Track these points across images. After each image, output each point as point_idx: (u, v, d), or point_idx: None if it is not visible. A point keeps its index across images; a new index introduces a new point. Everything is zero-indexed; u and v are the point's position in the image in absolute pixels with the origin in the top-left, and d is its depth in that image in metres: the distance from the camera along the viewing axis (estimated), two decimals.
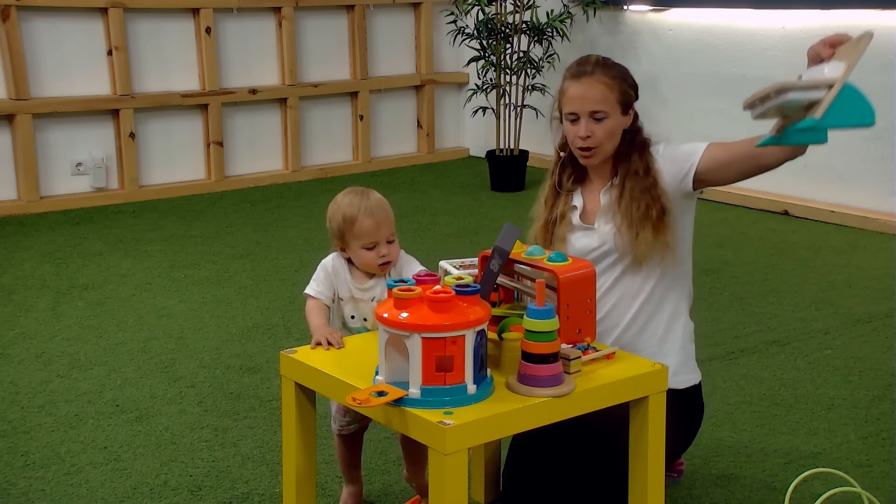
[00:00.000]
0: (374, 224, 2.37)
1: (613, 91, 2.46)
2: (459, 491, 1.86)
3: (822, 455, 2.88)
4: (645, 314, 2.51)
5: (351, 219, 2.38)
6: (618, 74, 2.48)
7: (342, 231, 2.41)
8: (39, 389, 3.38)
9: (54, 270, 4.73)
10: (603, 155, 2.50)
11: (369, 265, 2.40)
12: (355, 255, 2.41)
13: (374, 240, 2.38)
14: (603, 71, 2.46)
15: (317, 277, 2.44)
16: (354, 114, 7.02)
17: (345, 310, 2.45)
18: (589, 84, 2.45)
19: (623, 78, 2.49)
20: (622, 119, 2.49)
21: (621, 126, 2.49)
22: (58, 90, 5.92)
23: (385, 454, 2.89)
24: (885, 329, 3.89)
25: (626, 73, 2.52)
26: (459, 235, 5.34)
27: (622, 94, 2.47)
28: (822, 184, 5.68)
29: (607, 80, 2.46)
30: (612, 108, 2.45)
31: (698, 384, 2.59)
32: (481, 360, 1.95)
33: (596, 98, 2.44)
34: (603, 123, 2.45)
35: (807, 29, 5.66)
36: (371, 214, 2.38)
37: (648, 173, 2.47)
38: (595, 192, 2.56)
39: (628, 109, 2.50)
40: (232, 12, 6.43)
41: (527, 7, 6.37)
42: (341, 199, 2.45)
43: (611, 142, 2.48)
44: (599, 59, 2.50)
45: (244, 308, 4.20)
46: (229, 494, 2.70)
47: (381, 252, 2.38)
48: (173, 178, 6.35)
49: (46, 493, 2.72)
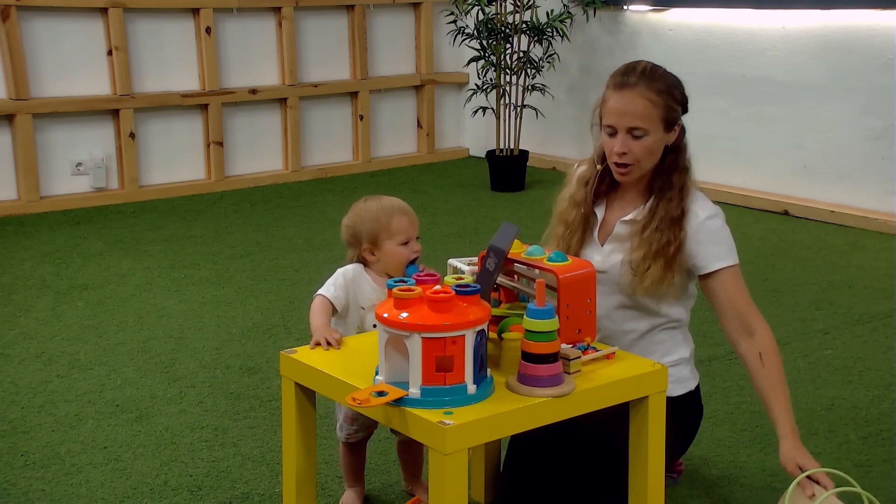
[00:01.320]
0: (409, 221, 2.45)
1: (657, 107, 2.31)
2: (459, 491, 1.86)
3: (822, 455, 2.88)
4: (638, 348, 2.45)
5: (387, 219, 2.42)
6: (664, 88, 2.33)
7: (375, 234, 2.43)
8: (39, 389, 3.38)
9: (54, 270, 4.73)
10: (639, 172, 2.37)
11: (402, 262, 2.43)
12: (389, 254, 2.43)
13: (409, 235, 2.44)
14: (648, 84, 2.31)
15: (335, 282, 2.43)
16: (354, 114, 7.02)
17: (367, 318, 2.43)
18: (631, 97, 2.31)
19: (669, 92, 2.33)
20: (664, 136, 2.35)
21: (662, 143, 2.36)
22: (58, 90, 5.92)
23: (385, 454, 2.89)
24: (885, 329, 3.89)
25: (675, 86, 2.36)
26: (459, 235, 5.34)
27: (667, 110, 2.32)
28: (822, 184, 5.68)
29: (652, 94, 2.31)
30: (653, 125, 2.31)
31: (695, 388, 2.57)
32: (481, 360, 1.95)
33: (637, 114, 2.30)
34: (642, 141, 2.31)
35: (807, 29, 5.66)
36: (404, 211, 2.45)
37: (682, 202, 2.36)
38: (618, 210, 2.46)
39: (672, 126, 2.36)
40: (232, 12, 6.43)
41: (527, 7, 6.37)
42: (366, 206, 2.48)
43: (649, 160, 2.35)
44: (647, 69, 2.34)
45: (244, 308, 4.20)
46: (229, 494, 2.70)
47: (415, 247, 2.45)
48: (173, 178, 6.35)
49: (46, 493, 2.71)
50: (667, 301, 2.43)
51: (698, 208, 2.39)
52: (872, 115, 5.42)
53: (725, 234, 2.40)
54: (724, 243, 2.38)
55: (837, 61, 5.54)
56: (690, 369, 2.56)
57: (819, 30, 5.61)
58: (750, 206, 5.88)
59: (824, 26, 5.59)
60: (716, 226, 2.39)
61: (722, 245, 2.38)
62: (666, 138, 2.37)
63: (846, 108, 5.53)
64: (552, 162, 7.05)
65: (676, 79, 2.41)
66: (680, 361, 2.51)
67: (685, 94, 2.41)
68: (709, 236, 2.37)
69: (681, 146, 2.41)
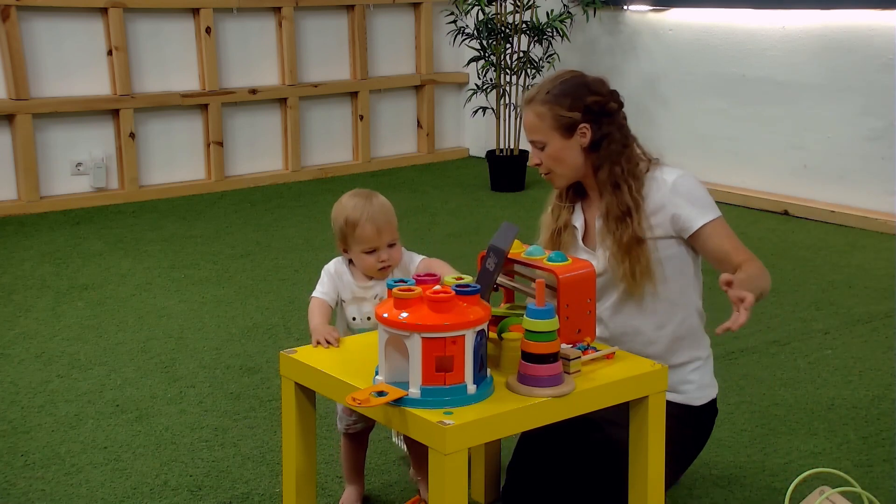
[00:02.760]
0: (374, 230, 2.40)
1: (544, 119, 2.41)
2: (459, 491, 1.86)
3: (822, 455, 2.88)
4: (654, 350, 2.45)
5: (353, 223, 2.41)
6: (551, 99, 2.40)
7: (344, 234, 2.44)
8: (39, 389, 3.38)
9: (54, 270, 4.73)
10: (563, 178, 2.47)
11: (369, 269, 2.44)
12: (356, 258, 2.44)
13: (374, 245, 2.41)
14: (535, 99, 2.42)
15: (321, 281, 2.48)
16: (354, 114, 7.02)
17: (347, 311, 2.46)
18: (526, 115, 2.45)
19: (556, 102, 2.40)
20: (566, 142, 2.41)
21: (570, 149, 2.42)
22: (58, 90, 5.92)
23: (385, 454, 2.89)
24: (885, 329, 3.89)
25: (566, 94, 2.40)
26: (459, 235, 5.34)
27: (555, 119, 2.40)
28: (822, 184, 5.68)
29: (537, 107, 2.41)
30: (546, 135, 2.41)
31: (713, 400, 2.57)
32: (481, 360, 1.95)
33: (530, 128, 2.44)
34: (546, 151, 2.43)
35: (807, 29, 5.66)
36: (372, 220, 2.40)
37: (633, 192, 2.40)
38: (595, 210, 2.50)
39: (572, 130, 2.41)
40: (232, 12, 6.43)
41: (527, 7, 6.37)
42: (346, 202, 2.46)
43: (561, 166, 2.44)
44: (542, 85, 2.45)
45: (244, 308, 4.20)
46: (229, 494, 2.70)
47: (382, 257, 2.42)
48: (173, 178, 6.35)
49: (46, 493, 2.72)
50: (668, 284, 2.43)
51: (664, 174, 2.42)
52: (872, 115, 5.42)
53: (699, 191, 2.42)
54: (699, 200, 2.40)
55: (837, 61, 5.54)
56: (711, 377, 2.57)
57: (819, 30, 5.62)
58: (750, 206, 5.88)
59: (824, 26, 5.59)
60: (686, 185, 2.41)
61: (697, 203, 2.40)
62: (572, 143, 2.42)
63: (846, 108, 5.53)
64: None
65: (578, 83, 2.44)
66: (696, 361, 2.51)
67: (592, 95, 2.42)
68: (683, 198, 2.39)
69: (608, 146, 2.42)
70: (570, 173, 2.46)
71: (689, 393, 2.49)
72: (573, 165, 2.45)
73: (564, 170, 2.45)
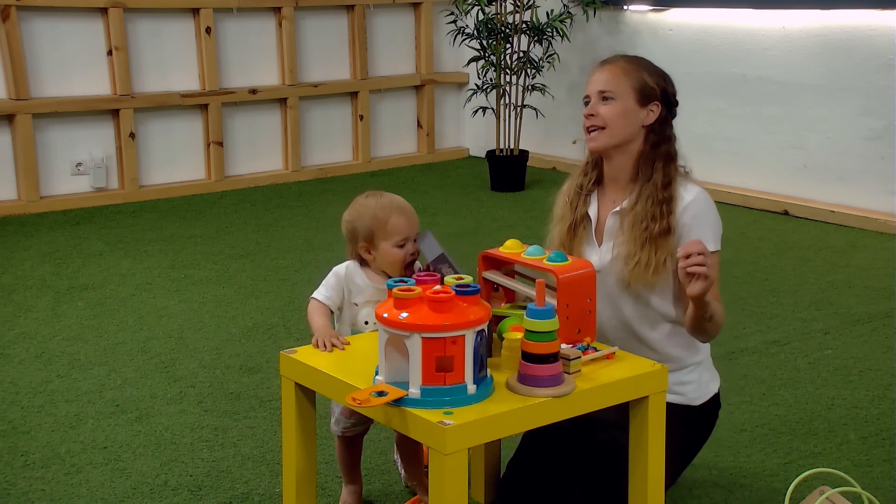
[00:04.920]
0: (406, 221, 2.39)
1: (628, 76, 2.40)
2: (459, 491, 1.86)
3: (822, 455, 2.88)
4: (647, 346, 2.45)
5: (384, 217, 2.38)
6: (642, 65, 2.44)
7: (371, 232, 2.39)
8: (39, 389, 3.38)
9: (54, 270, 4.73)
10: (609, 138, 2.41)
11: (398, 263, 2.39)
12: (384, 254, 2.39)
13: (406, 235, 2.38)
14: (625, 59, 2.45)
15: (327, 283, 2.43)
16: (354, 114, 7.02)
17: (360, 315, 2.42)
18: (608, 67, 2.43)
19: (646, 69, 2.44)
20: (635, 108, 2.41)
21: (634, 114, 2.41)
22: (58, 90, 5.92)
23: (385, 454, 2.89)
24: (885, 329, 3.89)
25: (655, 71, 2.46)
26: (459, 235, 5.33)
27: (639, 81, 2.41)
28: (822, 184, 5.68)
29: (625, 65, 2.42)
30: (622, 90, 2.39)
31: (716, 395, 2.56)
32: (481, 360, 1.95)
33: (606, 79, 2.41)
34: (610, 104, 2.40)
35: (807, 29, 5.66)
36: (403, 212, 2.40)
37: (668, 187, 2.39)
38: (610, 204, 2.48)
39: (648, 101, 2.42)
40: (232, 12, 6.43)
41: (527, 7, 6.37)
42: (365, 202, 2.43)
43: (618, 125, 2.40)
44: (627, 54, 2.49)
45: (244, 308, 4.20)
46: (229, 494, 2.70)
47: (410, 249, 2.39)
48: (173, 178, 6.35)
49: (46, 493, 2.72)
50: (665, 295, 2.42)
51: (683, 191, 2.41)
52: (872, 115, 5.42)
53: (711, 216, 2.41)
54: (708, 226, 2.39)
55: (837, 61, 5.54)
56: (711, 372, 2.56)
57: (819, 30, 5.61)
58: (750, 206, 5.88)
59: (824, 26, 5.59)
60: (700, 208, 2.40)
61: (706, 227, 2.38)
62: (640, 112, 2.42)
63: (846, 108, 5.53)
64: (552, 162, 7.05)
65: (663, 72, 2.49)
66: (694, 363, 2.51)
67: (670, 86, 2.47)
68: (694, 219, 2.39)
69: (663, 133, 2.45)
70: (620, 138, 2.42)
71: (689, 394, 2.49)
72: (627, 132, 2.41)
73: (617, 132, 2.41)
